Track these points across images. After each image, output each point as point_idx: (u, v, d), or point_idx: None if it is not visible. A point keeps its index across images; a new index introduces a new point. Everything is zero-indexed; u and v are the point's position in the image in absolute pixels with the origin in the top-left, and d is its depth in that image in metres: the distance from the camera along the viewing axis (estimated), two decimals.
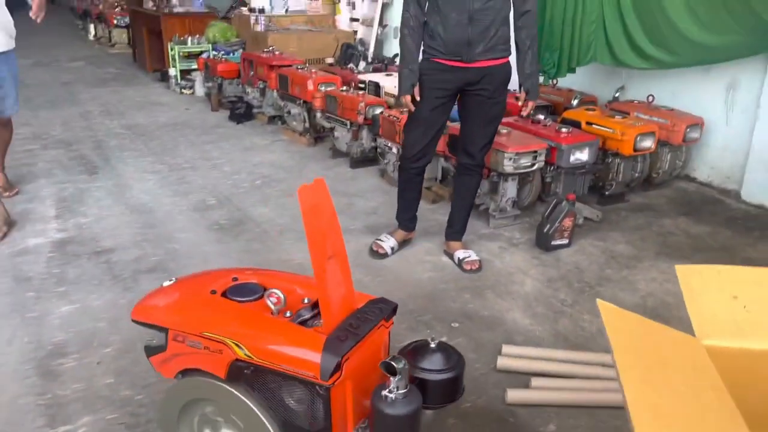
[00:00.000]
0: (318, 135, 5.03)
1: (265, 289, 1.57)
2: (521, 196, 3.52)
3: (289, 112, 5.10)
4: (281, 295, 1.48)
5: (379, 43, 6.67)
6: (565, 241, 3.15)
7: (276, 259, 3.00)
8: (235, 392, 1.45)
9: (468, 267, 2.89)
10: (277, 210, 3.64)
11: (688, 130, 3.81)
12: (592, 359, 2.24)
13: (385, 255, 3.02)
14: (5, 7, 3.37)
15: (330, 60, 6.25)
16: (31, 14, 3.34)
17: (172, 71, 7.03)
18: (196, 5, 7.60)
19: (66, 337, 2.36)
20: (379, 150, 4.19)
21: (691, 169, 4.20)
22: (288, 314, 1.51)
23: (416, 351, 1.51)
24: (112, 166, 4.41)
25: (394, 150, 3.95)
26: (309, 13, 7.44)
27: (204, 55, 6.69)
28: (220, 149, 4.86)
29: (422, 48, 2.69)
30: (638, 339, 1.06)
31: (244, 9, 7.35)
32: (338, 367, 1.34)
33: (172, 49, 7.06)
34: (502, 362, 2.21)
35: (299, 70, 4.99)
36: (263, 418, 1.44)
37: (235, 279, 1.64)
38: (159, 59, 7.69)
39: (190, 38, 7.05)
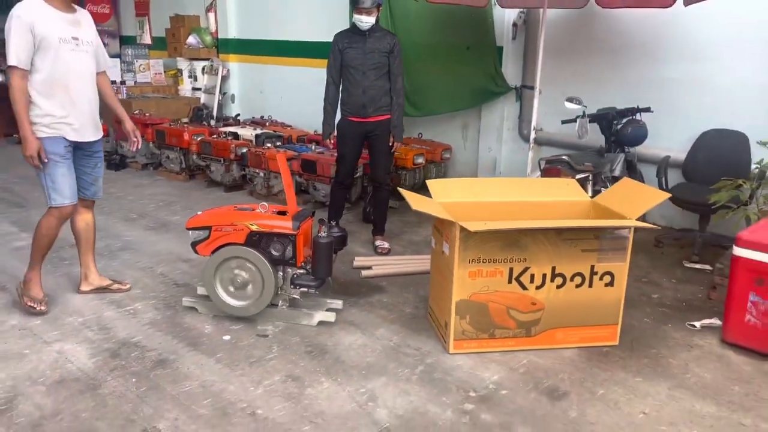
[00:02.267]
0: (191, 173, 6.66)
1: (257, 207, 3.38)
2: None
3: (168, 157, 6.67)
4: (267, 205, 3.32)
5: (221, 106, 8.46)
6: None
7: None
8: (250, 249, 3.23)
9: (380, 250, 4.60)
10: (184, 217, 5.24)
11: (443, 152, 6.22)
12: (404, 259, 4.32)
13: None
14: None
15: (185, 120, 7.88)
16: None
17: None
18: None
19: None
20: (248, 176, 6.00)
21: (449, 176, 6.63)
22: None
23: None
24: (33, 202, 5.61)
25: (261, 175, 5.81)
26: (154, 84, 8.99)
27: None
28: (114, 187, 6.24)
29: (339, 109, 4.51)
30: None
31: None
32: (298, 227, 3.21)
33: None
34: (356, 263, 4.19)
35: (173, 126, 6.64)
36: (263, 259, 3.23)
37: (237, 206, 3.43)
38: (10, 124, 8.58)
39: None
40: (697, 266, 4.41)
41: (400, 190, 3.33)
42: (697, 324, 3.50)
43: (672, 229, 5.10)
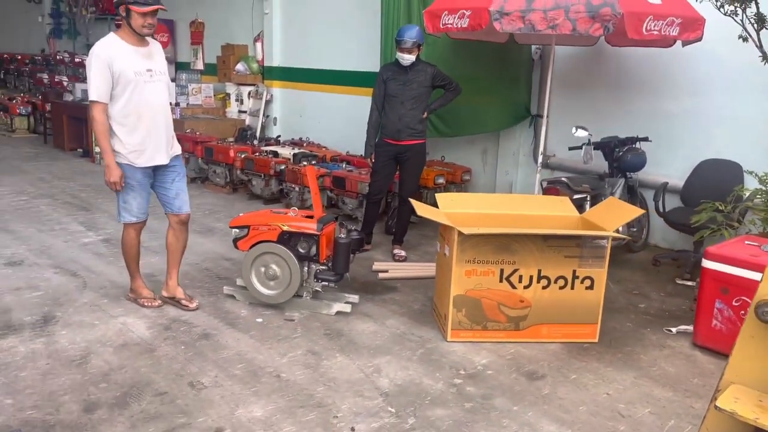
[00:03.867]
0: (235, 186, 7.35)
1: (289, 211, 3.99)
2: None
3: (214, 172, 7.39)
4: (297, 210, 3.92)
5: (264, 127, 9.21)
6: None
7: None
8: (281, 246, 3.83)
9: (397, 258, 5.16)
10: (227, 224, 5.89)
11: (463, 174, 6.76)
12: (415, 266, 4.86)
13: None
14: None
15: (231, 139, 8.63)
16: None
17: (96, 149, 8.91)
18: None
19: None
20: (285, 191, 6.65)
21: None
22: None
23: (347, 229, 4.01)
24: (97, 207, 6.36)
25: (297, 189, 6.44)
26: (204, 106, 9.81)
27: None
28: None
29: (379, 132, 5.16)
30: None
31: None
32: (321, 229, 3.80)
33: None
34: (374, 267, 4.75)
35: (220, 144, 7.37)
36: (292, 255, 3.82)
37: (272, 210, 4.04)
38: (77, 139, 9.53)
39: None
40: (688, 283, 4.81)
41: (410, 200, 3.88)
42: (674, 329, 3.92)
43: (671, 251, 5.50)
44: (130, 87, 3.51)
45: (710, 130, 5.34)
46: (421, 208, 3.73)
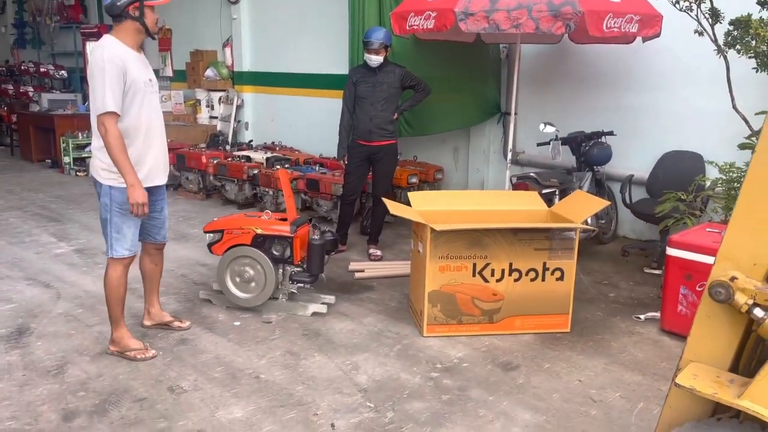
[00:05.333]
0: (208, 192, 7.34)
1: (262, 214, 4.01)
2: None
3: (187, 178, 7.36)
4: (270, 212, 3.95)
5: (235, 132, 9.19)
6: None
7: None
8: (256, 249, 3.86)
9: (373, 258, 5.20)
10: (202, 230, 5.88)
11: (435, 173, 6.84)
12: (391, 265, 4.92)
13: None
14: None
15: (203, 145, 8.60)
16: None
17: (65, 159, 8.81)
18: (81, 109, 9.51)
19: None
20: (259, 195, 6.66)
21: None
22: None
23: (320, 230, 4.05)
24: (68, 217, 6.30)
25: (271, 193, 6.46)
26: (174, 113, 9.75)
27: None
28: None
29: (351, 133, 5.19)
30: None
31: None
32: (295, 231, 3.83)
33: (64, 142, 8.87)
34: (351, 267, 4.80)
35: (191, 150, 7.35)
36: (266, 257, 3.85)
37: (246, 214, 4.06)
38: (44, 150, 9.42)
39: (80, 133, 8.93)
40: (656, 272, 4.95)
41: (383, 199, 3.95)
42: (642, 316, 4.05)
43: (639, 241, 5.65)
44: (139, 97, 3.14)
45: (672, 123, 5.50)
46: (394, 207, 3.79)
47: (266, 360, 3.35)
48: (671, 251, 3.75)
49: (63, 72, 11.62)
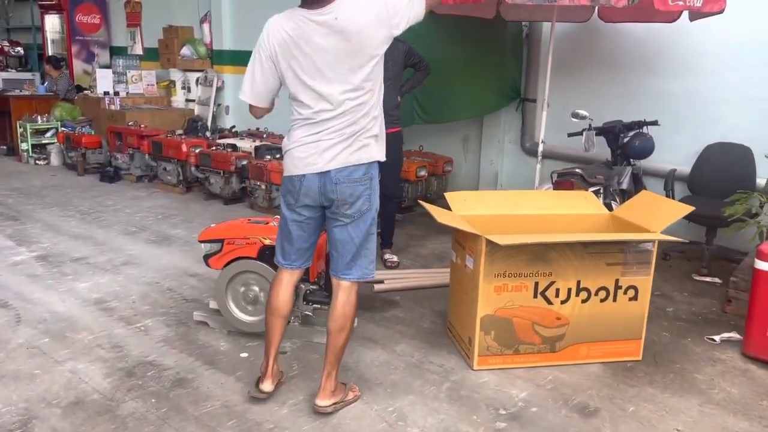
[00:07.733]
0: (189, 185, 6.54)
1: (270, 221, 3.30)
2: None
3: (164, 169, 6.55)
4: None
5: (215, 117, 8.36)
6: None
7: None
8: (263, 263, 3.15)
9: (389, 264, 4.53)
10: (186, 230, 5.14)
11: (445, 165, 6.19)
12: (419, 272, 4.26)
13: None
14: None
15: (180, 131, 7.76)
16: None
17: (23, 146, 7.87)
18: (40, 90, 8.55)
19: None
20: (249, 189, 5.90)
21: (450, 188, 6.58)
22: None
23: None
24: (28, 215, 5.46)
25: (263, 187, 5.72)
26: (146, 95, 8.85)
27: (61, 130, 7.73)
28: (110, 200, 6.11)
29: None
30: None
31: (89, 92, 8.52)
32: None
33: (21, 127, 7.92)
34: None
35: (170, 138, 6.52)
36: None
37: (249, 219, 3.34)
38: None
39: (39, 116, 7.99)
40: (707, 279, 4.41)
41: (422, 203, 3.28)
42: (717, 338, 3.48)
43: (680, 243, 5.09)
44: None
45: (717, 111, 4.94)
46: (438, 214, 3.11)
47: (288, 408, 2.67)
48: (761, 264, 3.18)
49: (19, 49, 10.60)
